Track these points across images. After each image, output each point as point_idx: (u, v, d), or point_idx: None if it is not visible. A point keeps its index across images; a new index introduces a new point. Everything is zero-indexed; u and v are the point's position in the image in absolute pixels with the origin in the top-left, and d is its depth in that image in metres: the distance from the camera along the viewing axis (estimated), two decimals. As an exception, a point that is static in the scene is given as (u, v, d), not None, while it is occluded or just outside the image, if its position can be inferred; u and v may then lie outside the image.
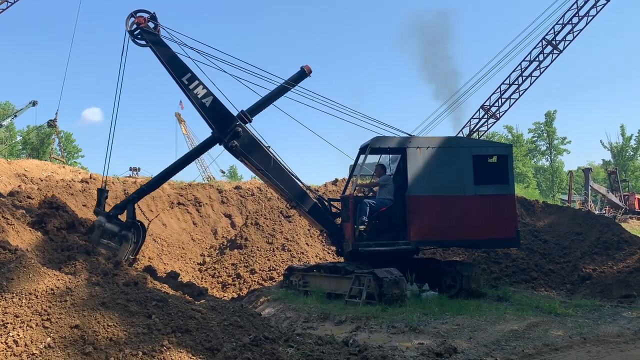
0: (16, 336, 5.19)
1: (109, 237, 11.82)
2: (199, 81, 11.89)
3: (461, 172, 11.77)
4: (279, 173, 12.21)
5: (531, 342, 7.70)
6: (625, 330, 8.49)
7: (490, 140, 50.95)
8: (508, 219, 11.94)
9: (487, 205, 11.87)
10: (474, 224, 11.74)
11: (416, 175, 11.66)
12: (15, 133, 61.93)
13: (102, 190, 12.51)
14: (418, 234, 11.53)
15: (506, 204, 12.02)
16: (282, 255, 16.17)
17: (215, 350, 5.60)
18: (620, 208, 45.37)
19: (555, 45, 34.43)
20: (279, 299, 11.95)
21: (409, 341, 7.77)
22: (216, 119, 12.03)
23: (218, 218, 20.74)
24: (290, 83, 12.42)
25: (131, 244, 12.03)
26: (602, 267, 14.22)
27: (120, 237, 11.90)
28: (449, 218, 11.70)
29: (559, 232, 16.71)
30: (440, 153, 11.80)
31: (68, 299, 5.79)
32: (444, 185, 11.73)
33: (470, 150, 11.97)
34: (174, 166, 12.92)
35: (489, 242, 12.53)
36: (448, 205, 11.73)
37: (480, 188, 11.78)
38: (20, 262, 6.48)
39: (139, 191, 12.80)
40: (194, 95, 11.84)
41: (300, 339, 6.81)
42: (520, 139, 69.78)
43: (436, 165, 11.73)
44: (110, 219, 11.98)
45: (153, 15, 12.14)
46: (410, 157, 11.70)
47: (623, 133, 71.59)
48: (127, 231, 12.00)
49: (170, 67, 11.99)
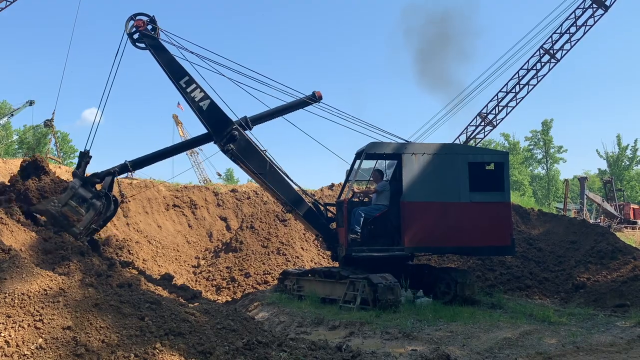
0: (8, 337, 5.15)
1: (78, 201, 11.66)
2: (196, 84, 12.02)
3: (456, 179, 11.74)
4: (275, 177, 12.31)
5: (524, 350, 7.71)
6: (618, 339, 8.50)
7: (487, 147, 51.11)
8: (503, 227, 11.90)
9: (483, 213, 11.82)
10: (468, 230, 11.69)
11: (411, 182, 11.64)
12: (11, 132, 61.69)
13: (83, 154, 12.30)
14: (412, 240, 11.52)
15: (502, 211, 11.99)
16: (277, 259, 16.15)
17: (208, 353, 5.58)
18: (616, 217, 45.48)
19: (552, 54, 34.61)
20: (273, 303, 11.93)
21: (403, 347, 7.76)
22: (213, 122, 12.14)
23: (213, 221, 20.71)
24: (298, 105, 12.69)
25: (97, 214, 11.88)
26: (597, 276, 14.25)
27: (89, 205, 11.72)
28: (443, 224, 11.66)
29: (554, 241, 16.76)
30: (436, 159, 11.79)
31: (61, 300, 5.76)
32: (438, 191, 11.72)
33: (466, 157, 11.95)
34: (165, 151, 12.89)
35: (483, 250, 12.52)
36: (443, 211, 11.70)
37: (475, 195, 11.73)
38: (14, 262, 6.45)
39: (122, 166, 12.54)
40: (191, 98, 11.98)
41: (293, 343, 6.78)
42: (517, 147, 69.91)
43: (431, 172, 11.71)
44: (85, 185, 11.87)
45: (152, 18, 12.25)
46: (405, 163, 11.70)
47: (619, 142, 71.82)
48: (98, 200, 11.83)
49: (168, 70, 12.12)
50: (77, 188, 11.70)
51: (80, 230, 11.49)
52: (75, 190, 11.68)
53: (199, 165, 59.78)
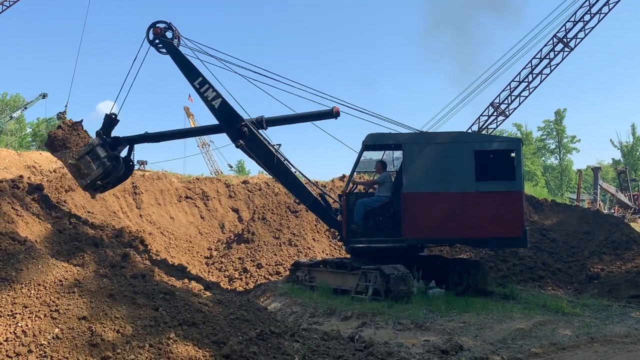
0: (24, 326, 5.23)
1: (92, 157, 12.89)
2: (209, 85, 12.83)
3: (461, 168, 11.28)
4: (281, 171, 12.85)
5: (538, 341, 7.67)
6: (633, 330, 8.43)
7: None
8: (514, 217, 11.22)
9: (490, 203, 11.27)
10: (474, 221, 11.21)
11: (412, 172, 11.43)
12: (25, 125, 62.34)
13: (109, 116, 13.47)
14: (411, 231, 11.35)
15: (512, 201, 11.31)
16: (289, 250, 16.19)
17: (222, 343, 5.62)
18: (630, 208, 45.00)
19: (566, 43, 34.15)
20: (285, 293, 11.97)
21: (415, 338, 7.76)
22: (224, 119, 12.93)
23: (225, 212, 20.80)
24: (314, 116, 13.14)
25: (106, 173, 12.92)
26: (611, 266, 14.13)
27: (100, 163, 12.84)
28: (445, 215, 11.29)
29: (567, 231, 16.63)
30: (439, 149, 11.46)
31: (76, 291, 5.83)
32: (441, 181, 11.35)
33: (472, 146, 11.46)
34: (182, 131, 14.31)
35: (491, 241, 11.96)
36: (444, 202, 11.33)
37: (482, 185, 11.22)
38: (29, 253, 6.53)
39: (142, 135, 13.84)
40: (205, 97, 12.82)
41: (306, 334, 6.82)
42: (530, 137, 69.30)
43: (434, 162, 11.38)
44: (104, 145, 13.02)
45: (169, 25, 13.21)
46: (406, 153, 11.53)
47: (634, 132, 70.95)
48: (108, 161, 12.86)
49: (184, 72, 13.08)
50: (94, 146, 12.94)
51: (87, 183, 12.97)
52: (93, 148, 12.94)
53: (210, 157, 60.01)
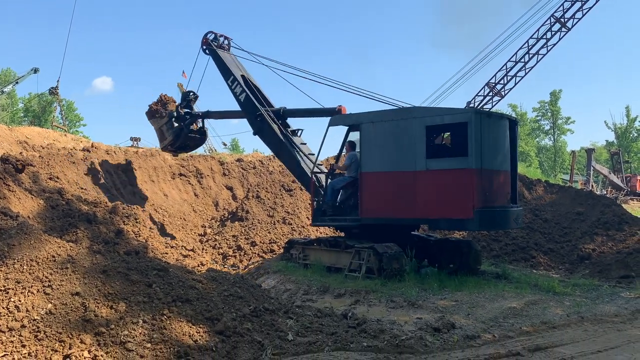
0: (17, 302, 5.21)
1: (168, 126, 17.63)
2: (237, 82, 15.57)
3: (412, 146, 10.72)
4: (285, 155, 14.46)
5: (529, 319, 7.75)
6: (622, 310, 8.54)
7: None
8: (463, 198, 10.17)
9: (440, 182, 10.54)
10: (424, 201, 10.60)
11: (369, 152, 11.34)
12: (17, 100, 61.56)
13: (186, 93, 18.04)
14: (367, 211, 11.34)
15: (463, 179, 10.26)
16: (283, 229, 16.21)
17: (216, 320, 5.64)
18: (622, 189, 45.25)
19: (563, 23, 33.88)
20: (279, 271, 12.02)
21: (408, 315, 7.83)
22: (247, 110, 15.31)
23: (219, 190, 20.77)
24: (323, 113, 14.17)
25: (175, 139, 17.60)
26: (602, 247, 14.27)
27: (172, 132, 17.55)
28: (398, 195, 10.98)
29: (560, 212, 16.73)
30: (393, 126, 11.10)
31: (69, 267, 5.80)
32: (394, 160, 11.01)
33: (423, 121, 10.72)
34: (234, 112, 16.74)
35: (440, 222, 11.04)
36: (398, 181, 11.00)
37: (432, 162, 10.58)
38: (22, 228, 6.48)
39: (204, 112, 18.07)
40: (234, 92, 15.54)
41: (299, 310, 6.85)
42: (524, 118, 69.23)
43: (388, 140, 11.11)
44: (178, 118, 17.60)
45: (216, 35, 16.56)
46: (364, 133, 11.44)
47: (628, 114, 70.81)
48: (180, 131, 17.52)
49: (220, 71, 16.10)
50: (171, 118, 17.57)
51: (164, 146, 18.03)
52: (169, 119, 17.62)
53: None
